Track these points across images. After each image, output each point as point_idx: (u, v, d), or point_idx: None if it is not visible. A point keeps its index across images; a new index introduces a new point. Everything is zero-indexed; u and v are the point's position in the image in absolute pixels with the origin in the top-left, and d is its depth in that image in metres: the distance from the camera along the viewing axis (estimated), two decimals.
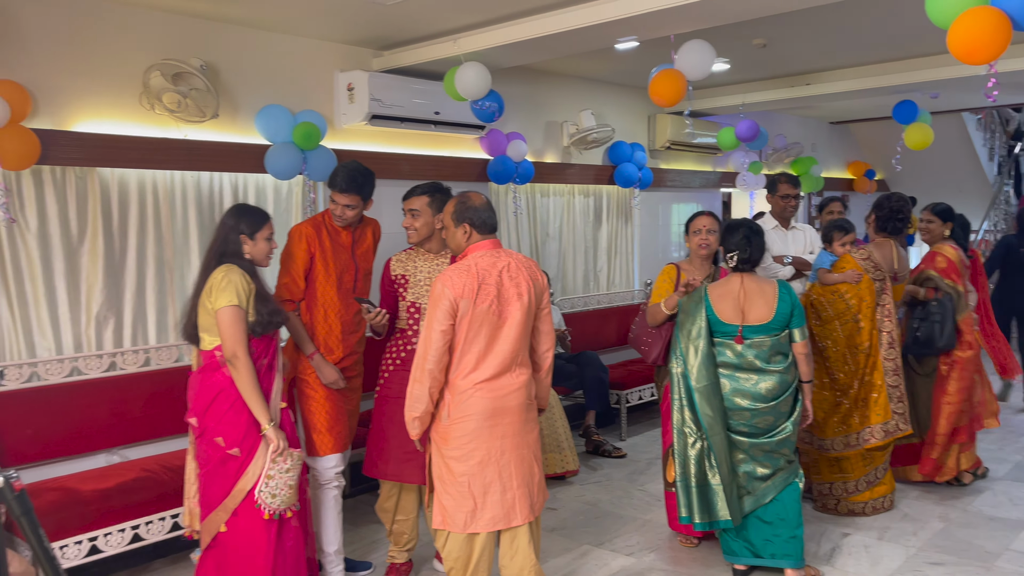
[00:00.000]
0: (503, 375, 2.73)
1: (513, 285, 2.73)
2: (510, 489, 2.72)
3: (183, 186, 4.04)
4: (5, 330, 3.51)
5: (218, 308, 2.78)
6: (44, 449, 3.51)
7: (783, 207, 4.65)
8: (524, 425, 2.77)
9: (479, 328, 2.69)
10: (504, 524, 2.73)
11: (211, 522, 2.85)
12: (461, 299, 2.66)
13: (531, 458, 2.79)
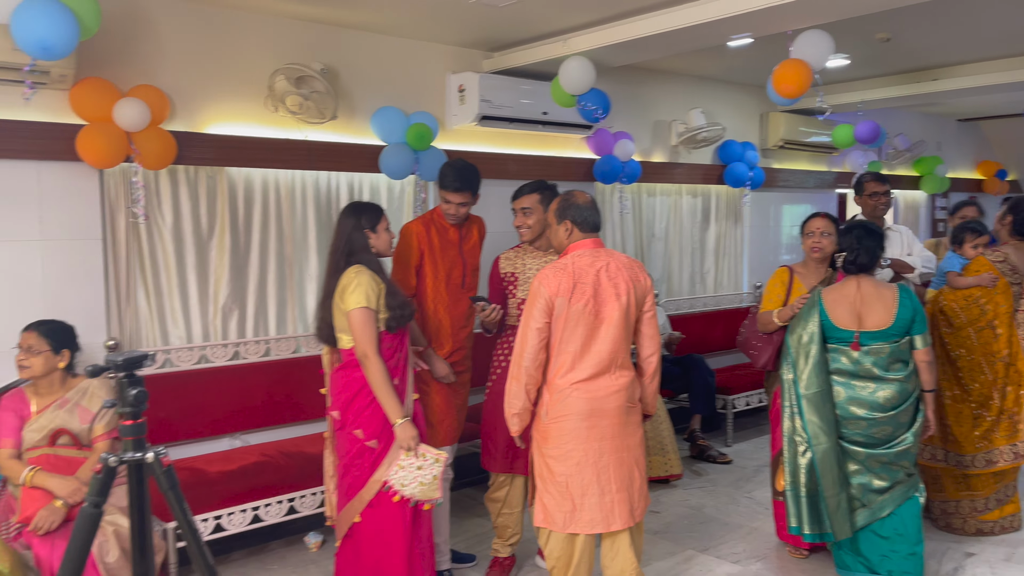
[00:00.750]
0: (601, 376, 2.71)
1: (611, 285, 2.71)
2: (608, 492, 2.71)
3: (303, 185, 4.23)
4: (143, 319, 3.76)
5: (349, 310, 2.85)
6: (175, 431, 3.74)
7: (873, 206, 4.44)
8: (624, 428, 2.74)
9: (575, 327, 2.69)
10: (603, 528, 2.72)
11: (347, 512, 2.94)
12: (556, 297, 2.68)
13: (631, 462, 2.75)
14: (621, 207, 5.61)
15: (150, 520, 1.60)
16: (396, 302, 2.93)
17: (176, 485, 1.54)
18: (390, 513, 2.90)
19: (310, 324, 4.26)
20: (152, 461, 1.51)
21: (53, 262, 3.47)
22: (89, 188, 3.55)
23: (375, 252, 3.00)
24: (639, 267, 2.83)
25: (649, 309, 2.81)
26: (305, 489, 3.65)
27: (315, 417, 4.14)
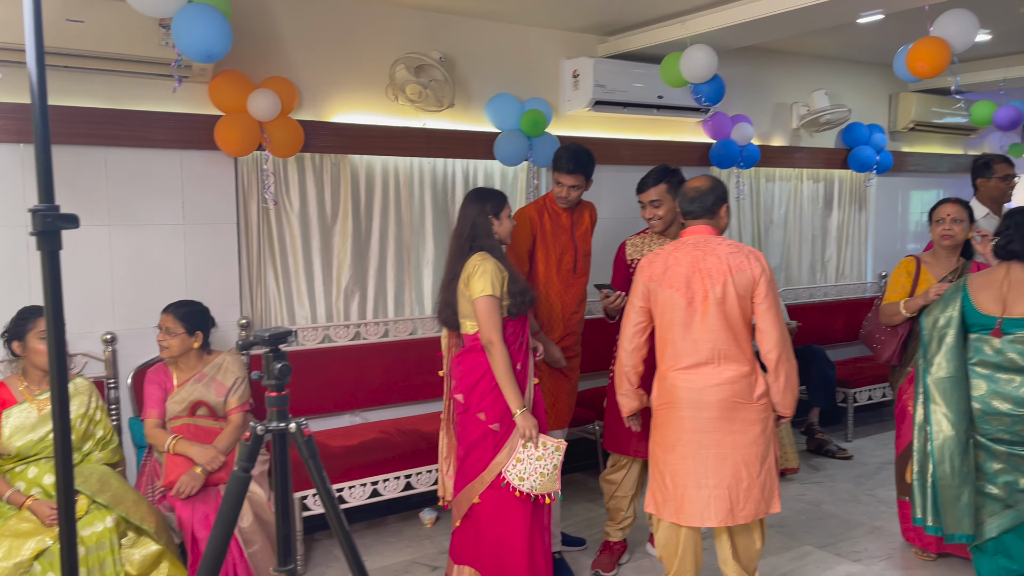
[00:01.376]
0: (702, 367, 2.67)
1: (704, 274, 2.66)
2: (705, 487, 2.66)
3: (420, 172, 4.34)
4: (272, 299, 3.97)
5: (475, 298, 2.89)
6: (300, 406, 3.93)
7: (1003, 190, 4.13)
8: (729, 424, 2.65)
9: (670, 315, 2.69)
10: (698, 522, 2.67)
11: (467, 493, 2.99)
12: (651, 282, 2.73)
13: (737, 461, 2.65)
14: (738, 192, 5.46)
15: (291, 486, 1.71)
16: (518, 289, 2.95)
17: (316, 454, 1.63)
18: (510, 495, 2.94)
19: (426, 307, 4.39)
20: (295, 431, 1.60)
21: (194, 245, 3.70)
22: (225, 175, 3.77)
23: (497, 238, 3.04)
24: (749, 255, 2.68)
25: (763, 301, 2.66)
26: (421, 467, 3.76)
27: (430, 397, 4.26)
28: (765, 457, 2.70)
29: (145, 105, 3.52)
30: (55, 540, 2.74)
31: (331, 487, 1.62)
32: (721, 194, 2.80)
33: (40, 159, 1.22)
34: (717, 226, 2.79)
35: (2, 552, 2.68)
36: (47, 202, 1.21)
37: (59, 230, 1.21)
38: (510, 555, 2.95)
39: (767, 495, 2.71)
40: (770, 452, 2.71)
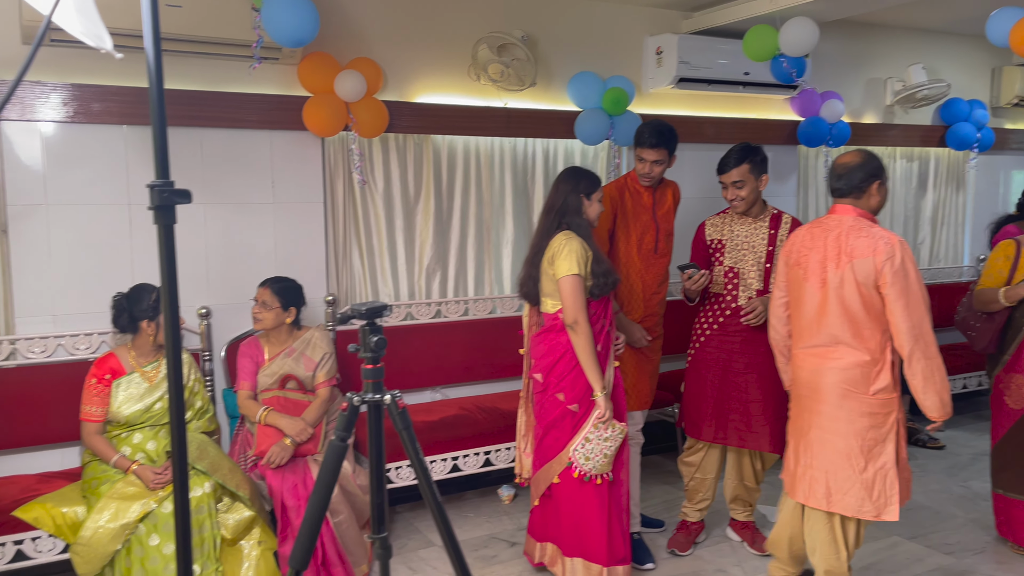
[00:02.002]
0: (821, 348, 2.65)
1: (823, 258, 2.62)
2: (809, 468, 2.67)
3: (501, 151, 4.35)
4: (356, 277, 4.06)
5: (560, 277, 2.88)
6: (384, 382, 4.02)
7: None
8: (836, 410, 2.60)
9: (798, 294, 2.72)
10: (802, 499, 2.70)
11: (546, 473, 3.01)
12: (788, 257, 2.79)
13: (839, 449, 2.59)
14: (827, 172, 5.28)
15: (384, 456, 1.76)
16: (602, 269, 2.93)
17: (410, 426, 1.67)
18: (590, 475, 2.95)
19: (505, 287, 4.42)
20: (389, 403, 1.64)
21: (283, 224, 3.82)
22: (313, 155, 3.86)
23: (585, 218, 3.01)
24: (879, 241, 2.51)
25: (889, 291, 2.49)
26: (500, 444, 3.80)
27: (509, 376, 4.30)
28: (875, 455, 2.58)
29: (237, 87, 3.63)
30: (159, 503, 2.89)
31: (424, 458, 1.66)
32: (872, 170, 2.64)
33: (157, 138, 1.27)
34: (866, 205, 2.67)
35: (110, 514, 2.84)
36: (163, 178, 1.27)
37: (174, 204, 1.26)
38: (588, 535, 2.97)
39: (876, 497, 2.59)
40: (884, 452, 2.58)
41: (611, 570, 2.96)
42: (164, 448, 3.10)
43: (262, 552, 3.07)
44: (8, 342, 3.24)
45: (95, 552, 2.82)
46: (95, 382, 3.09)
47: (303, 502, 3.07)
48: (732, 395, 3.30)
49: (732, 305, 3.32)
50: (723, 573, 3.28)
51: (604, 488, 2.94)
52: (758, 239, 3.30)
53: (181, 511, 1.28)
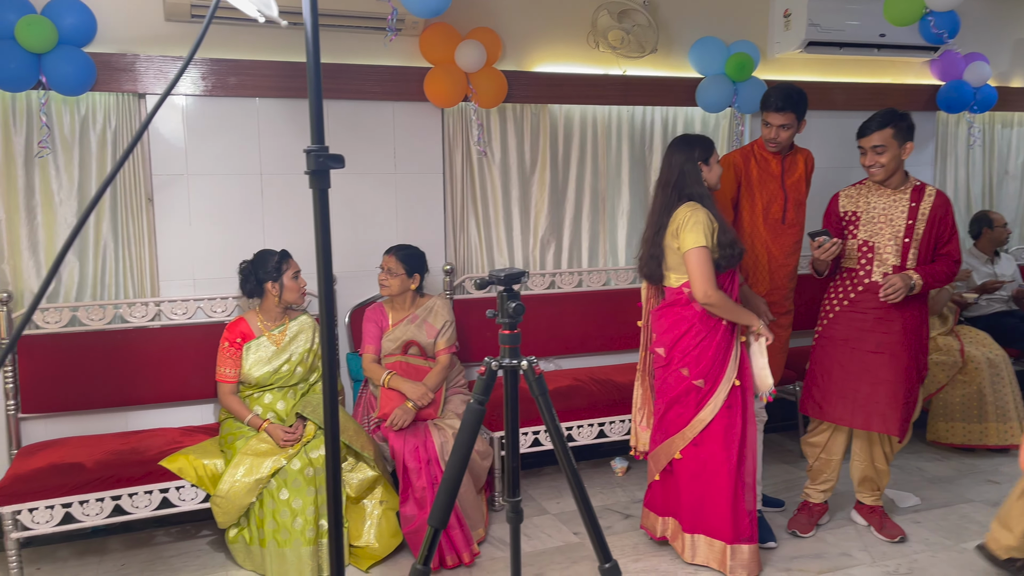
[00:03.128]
0: None
1: None
2: None
3: (618, 120, 4.28)
4: (473, 247, 4.10)
5: (686, 250, 2.82)
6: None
7: None
8: None
9: None
10: None
11: (667, 448, 2.98)
12: None
13: None
14: (972, 139, 4.94)
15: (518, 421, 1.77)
16: (727, 240, 2.85)
17: (546, 392, 1.68)
18: (714, 452, 2.89)
19: (620, 258, 4.37)
20: (526, 368, 1.65)
21: (404, 193, 3.89)
22: (432, 126, 3.90)
23: (706, 186, 2.93)
24: None
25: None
26: (614, 416, 3.78)
27: (622, 348, 4.26)
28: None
29: (361, 59, 3.70)
30: (288, 460, 3.03)
31: (559, 424, 1.66)
32: None
33: (313, 106, 1.30)
34: None
35: (244, 469, 3.00)
36: (318, 143, 1.30)
37: (328, 169, 1.29)
38: (713, 512, 2.92)
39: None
40: None
41: (735, 548, 2.91)
42: (293, 408, 3.24)
43: (384, 511, 3.18)
44: (154, 304, 3.46)
45: (232, 504, 2.99)
46: (227, 345, 3.26)
47: (423, 464, 3.15)
48: (860, 375, 3.14)
49: (865, 281, 3.15)
50: (848, 556, 3.17)
51: (731, 465, 2.88)
52: (897, 212, 3.10)
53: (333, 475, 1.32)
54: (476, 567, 3.10)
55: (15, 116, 3.24)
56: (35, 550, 3.27)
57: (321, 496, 3.04)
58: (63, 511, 2.91)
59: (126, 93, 3.36)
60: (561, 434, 1.62)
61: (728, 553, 2.91)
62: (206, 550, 3.28)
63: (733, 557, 2.91)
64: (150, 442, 3.20)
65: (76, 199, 3.36)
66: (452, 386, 3.56)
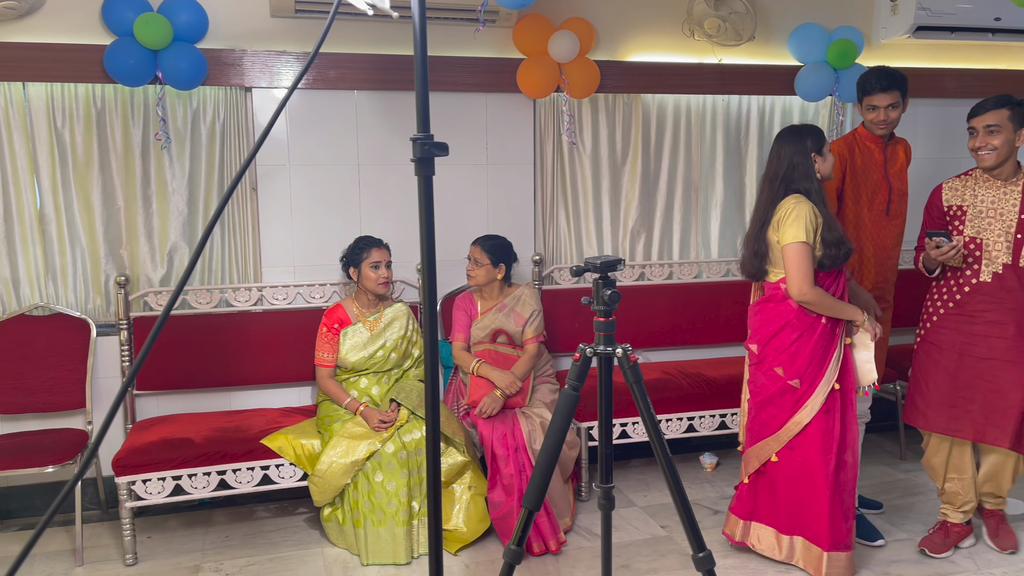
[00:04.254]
0: None
1: None
2: None
3: (713, 110, 4.20)
4: (562, 238, 4.11)
5: (785, 244, 2.72)
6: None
7: None
8: None
9: None
10: None
11: (761, 449, 2.90)
12: None
13: None
14: None
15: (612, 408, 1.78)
16: (833, 238, 2.71)
17: (640, 380, 1.68)
18: (811, 457, 2.79)
19: (712, 251, 4.29)
20: (621, 356, 1.66)
21: (495, 184, 3.93)
22: (524, 117, 3.92)
23: (819, 177, 2.81)
24: None
25: None
26: (704, 410, 3.73)
27: (713, 342, 4.20)
28: None
29: (455, 51, 3.76)
30: (383, 444, 3.11)
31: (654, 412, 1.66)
32: None
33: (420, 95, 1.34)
34: None
35: (341, 450, 3.10)
36: (424, 131, 1.33)
37: (433, 157, 1.32)
38: (811, 517, 2.83)
39: None
40: None
41: (832, 556, 2.81)
42: (387, 393, 3.33)
43: (472, 496, 3.23)
44: (256, 289, 3.61)
45: (329, 484, 3.10)
46: (325, 331, 3.37)
47: (511, 452, 3.19)
48: (970, 384, 2.94)
49: (972, 281, 2.94)
50: (951, 563, 3.03)
51: (830, 468, 2.77)
52: (1007, 205, 2.90)
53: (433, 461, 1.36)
54: (562, 555, 3.12)
55: (133, 109, 3.43)
56: (146, 519, 3.47)
57: (413, 479, 3.12)
58: (173, 483, 3.08)
59: (233, 87, 3.51)
60: (655, 421, 1.62)
61: (825, 560, 2.81)
62: (302, 527, 3.42)
63: (829, 565, 2.81)
64: (252, 421, 3.35)
65: (187, 188, 3.54)
66: (540, 375, 3.58)
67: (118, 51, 3.18)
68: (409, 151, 1.31)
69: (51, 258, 3.45)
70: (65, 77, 3.28)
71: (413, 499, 3.12)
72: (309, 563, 3.08)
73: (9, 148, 3.32)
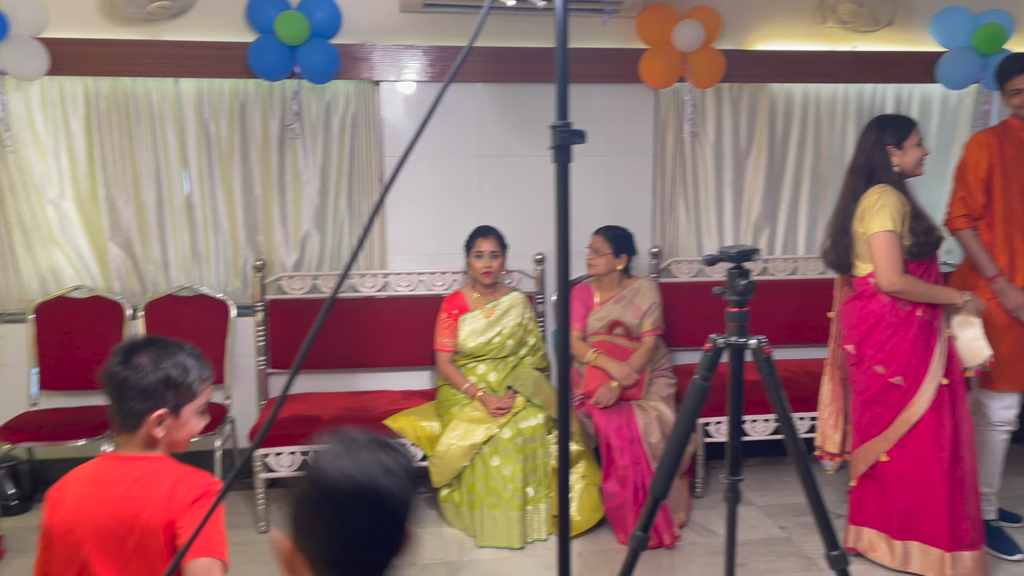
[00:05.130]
0: None
1: None
2: None
3: (845, 99, 4.04)
4: (681, 230, 4.06)
5: (871, 234, 2.64)
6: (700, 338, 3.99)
7: None
8: None
9: None
10: None
11: (869, 450, 2.80)
12: None
13: None
14: None
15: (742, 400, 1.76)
16: (922, 227, 2.63)
17: (774, 372, 1.65)
18: (924, 455, 2.68)
19: None
20: (755, 347, 1.63)
21: (612, 176, 3.92)
22: (645, 108, 3.89)
23: (898, 171, 2.71)
24: None
25: None
26: None
27: None
28: None
29: (579, 43, 3.76)
30: (500, 429, 3.17)
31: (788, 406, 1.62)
32: None
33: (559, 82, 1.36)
34: None
35: (460, 433, 3.18)
36: (562, 119, 1.35)
37: (570, 144, 1.34)
38: (927, 518, 2.71)
39: None
40: None
41: (956, 556, 2.68)
42: (504, 380, 3.39)
43: (586, 486, 3.25)
44: (382, 276, 3.75)
45: (447, 465, 3.19)
46: (445, 316, 3.46)
47: (627, 443, 3.18)
48: None
49: None
50: None
51: (945, 466, 2.66)
52: None
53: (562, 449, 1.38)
54: (676, 550, 3.09)
55: (272, 103, 3.62)
56: (277, 491, 3.67)
57: (529, 465, 3.16)
58: (302, 458, 3.25)
59: (363, 80, 3.65)
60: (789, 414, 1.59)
61: (947, 561, 2.68)
62: (420, 506, 3.52)
63: (954, 566, 2.68)
64: (375, 402, 3.49)
65: (319, 178, 3.71)
66: (657, 369, 3.55)
67: (260, 48, 3.36)
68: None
69: (197, 242, 3.69)
70: (213, 73, 3.50)
71: (528, 485, 3.16)
72: (427, 541, 3.18)
73: (162, 139, 3.58)
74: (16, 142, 3.44)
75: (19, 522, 3.38)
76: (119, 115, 3.52)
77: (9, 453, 3.42)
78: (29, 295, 3.60)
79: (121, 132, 3.53)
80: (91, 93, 3.49)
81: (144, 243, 3.63)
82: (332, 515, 0.98)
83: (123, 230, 3.61)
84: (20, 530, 3.27)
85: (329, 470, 0.98)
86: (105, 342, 3.56)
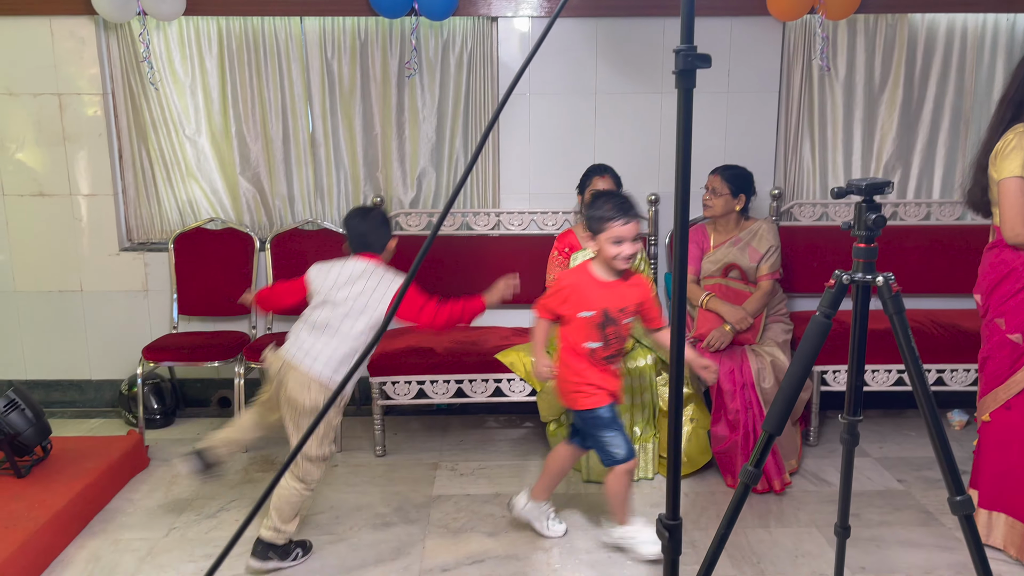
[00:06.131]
0: None
1: None
2: None
3: (994, 31, 3.71)
4: (805, 171, 3.88)
5: (1000, 179, 2.41)
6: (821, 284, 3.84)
7: None
8: None
9: None
10: None
11: (992, 400, 2.61)
12: None
13: None
14: None
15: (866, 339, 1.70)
16: None
17: (902, 311, 1.58)
18: None
19: None
20: (882, 284, 1.56)
21: (734, 113, 3.78)
22: (772, 41, 3.71)
23: None
24: None
25: None
26: (956, 363, 3.42)
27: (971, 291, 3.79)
28: None
29: None
30: None
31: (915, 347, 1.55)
32: None
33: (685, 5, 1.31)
34: None
35: None
36: (687, 43, 1.31)
37: (695, 68, 1.30)
38: (1016, 488, 2.52)
39: None
40: None
41: None
42: None
43: (694, 429, 3.23)
44: (495, 214, 3.79)
45: (555, 401, 3.24)
46: (556, 254, 3.46)
47: (738, 388, 3.13)
48: None
49: None
50: None
51: None
52: None
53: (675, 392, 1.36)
54: (786, 496, 3.05)
55: (391, 40, 3.68)
56: (393, 419, 3.85)
57: (636, 404, 3.17)
58: (417, 387, 3.38)
59: (481, 17, 3.64)
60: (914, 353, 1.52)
61: None
62: (528, 439, 3.61)
63: None
64: (487, 337, 3.56)
65: (436, 116, 3.76)
66: (773, 314, 3.46)
67: None
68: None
69: (320, 178, 3.84)
70: (335, 11, 3.58)
71: (635, 424, 3.18)
72: (534, 473, 3.26)
73: (288, 78, 3.71)
74: (158, 80, 3.66)
75: (162, 435, 3.69)
76: (249, 54, 3.67)
77: (153, 371, 3.73)
78: (170, 226, 3.86)
79: (251, 71, 3.68)
80: (224, 32, 3.64)
81: (272, 178, 3.81)
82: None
83: (252, 166, 3.79)
84: (163, 442, 3.57)
85: None
86: (236, 272, 3.79)
